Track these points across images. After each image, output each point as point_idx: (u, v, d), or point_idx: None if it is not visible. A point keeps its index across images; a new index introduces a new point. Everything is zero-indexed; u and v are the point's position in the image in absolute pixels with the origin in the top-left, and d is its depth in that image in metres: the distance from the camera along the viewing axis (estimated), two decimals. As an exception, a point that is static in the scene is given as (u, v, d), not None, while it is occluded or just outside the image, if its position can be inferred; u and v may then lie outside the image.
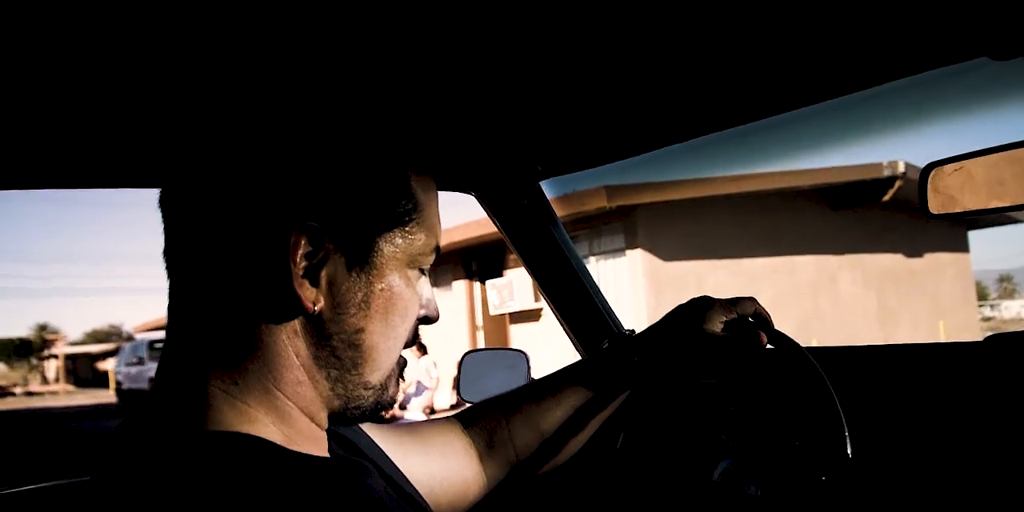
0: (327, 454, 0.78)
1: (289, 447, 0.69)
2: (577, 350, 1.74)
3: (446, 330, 13.17)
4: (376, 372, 0.74)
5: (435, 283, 14.38)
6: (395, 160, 0.74)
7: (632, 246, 10.80)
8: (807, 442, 1.21)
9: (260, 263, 0.67)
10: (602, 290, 1.72)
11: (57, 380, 40.81)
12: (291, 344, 0.69)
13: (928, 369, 1.19)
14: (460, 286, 13.69)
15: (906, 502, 1.13)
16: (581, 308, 1.70)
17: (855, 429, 1.18)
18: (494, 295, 12.24)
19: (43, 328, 56.43)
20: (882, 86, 1.15)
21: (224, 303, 0.69)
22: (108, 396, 24.83)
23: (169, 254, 0.72)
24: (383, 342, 0.73)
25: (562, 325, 1.74)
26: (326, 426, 0.76)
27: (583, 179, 10.11)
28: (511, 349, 1.65)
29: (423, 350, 10.54)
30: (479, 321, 13.25)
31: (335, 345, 0.70)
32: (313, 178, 0.69)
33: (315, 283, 0.69)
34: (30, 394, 34.83)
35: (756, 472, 1.24)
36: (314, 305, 0.68)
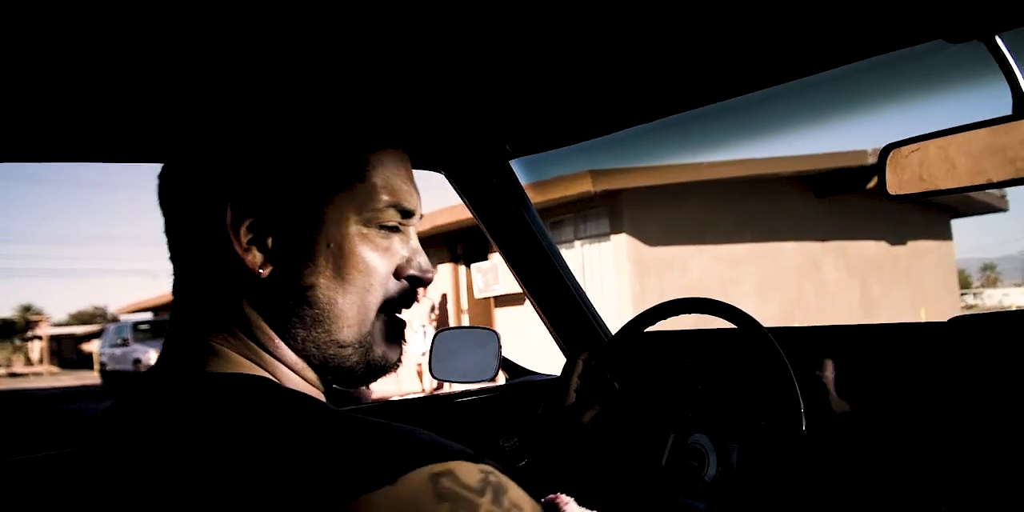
0: None
1: None
2: (544, 324, 1.76)
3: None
4: (346, 329, 0.76)
5: (421, 266, 14.44)
6: (332, 128, 0.77)
7: (617, 231, 10.81)
8: (772, 420, 1.23)
9: (208, 235, 0.73)
10: (587, 275, 1.74)
11: (41, 361, 40.59)
12: (254, 307, 0.74)
13: (894, 348, 1.21)
14: (445, 269, 13.68)
15: (866, 477, 1.15)
16: (549, 286, 1.72)
17: (819, 407, 1.20)
18: (479, 278, 12.24)
19: (27, 309, 56.25)
20: (849, 69, 1.17)
21: (197, 276, 0.75)
22: (92, 377, 24.75)
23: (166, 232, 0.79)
24: (341, 297, 0.75)
25: (531, 302, 1.75)
26: (323, 388, 0.80)
27: (568, 163, 10.10)
28: (482, 328, 1.66)
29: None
30: (464, 305, 13.26)
31: (290, 304, 0.74)
32: (246, 152, 0.73)
33: (262, 248, 0.73)
34: (14, 375, 34.68)
35: (718, 447, 1.26)
36: (261, 269, 0.72)
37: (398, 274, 0.80)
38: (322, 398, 0.79)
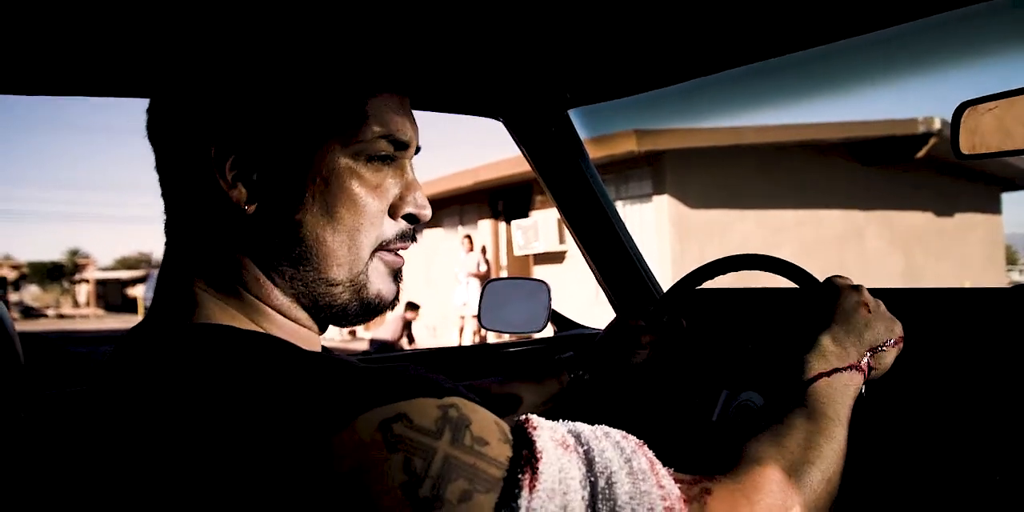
0: None
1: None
2: (597, 279, 1.76)
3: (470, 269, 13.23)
4: (336, 267, 0.74)
5: (461, 221, 14.45)
6: (319, 60, 0.75)
7: (659, 192, 10.72)
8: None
9: (194, 172, 0.72)
10: (627, 234, 1.74)
11: (88, 304, 41.56)
12: (241, 246, 0.73)
13: (954, 313, 1.19)
14: (486, 225, 13.70)
15: (923, 441, 1.14)
16: (604, 240, 1.71)
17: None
18: (519, 235, 12.24)
19: (75, 253, 57.47)
20: (909, 28, 1.14)
21: (185, 216, 0.75)
22: (137, 321, 25.34)
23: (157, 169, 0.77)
24: (330, 235, 0.73)
25: (584, 255, 1.75)
26: (317, 329, 0.79)
27: (613, 122, 9.98)
28: (532, 279, 1.66)
29: (471, 246, 11.65)
30: (503, 261, 13.29)
31: (277, 242, 0.73)
32: (231, 85, 0.72)
33: (248, 185, 0.72)
34: (62, 316, 35.62)
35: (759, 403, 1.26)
36: (247, 205, 0.72)
37: (394, 212, 0.78)
38: (314, 339, 0.79)
